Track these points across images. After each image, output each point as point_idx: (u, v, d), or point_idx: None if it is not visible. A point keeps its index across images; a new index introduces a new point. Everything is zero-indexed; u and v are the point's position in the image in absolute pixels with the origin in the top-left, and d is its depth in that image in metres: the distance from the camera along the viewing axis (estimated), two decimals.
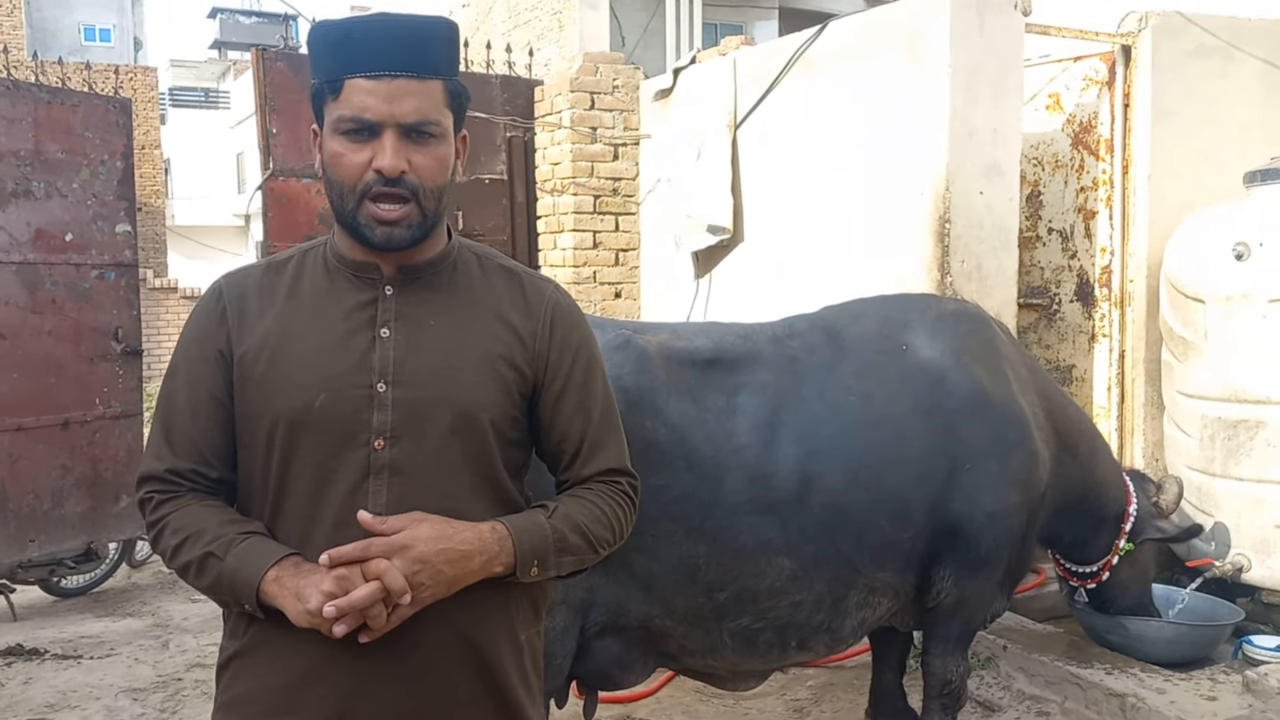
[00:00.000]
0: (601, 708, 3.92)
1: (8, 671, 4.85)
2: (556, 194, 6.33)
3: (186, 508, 1.59)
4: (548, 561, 1.60)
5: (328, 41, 1.55)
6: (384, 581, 1.45)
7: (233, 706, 1.61)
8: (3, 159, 5.67)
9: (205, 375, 1.62)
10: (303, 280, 1.64)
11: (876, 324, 3.32)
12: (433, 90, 1.55)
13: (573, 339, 1.70)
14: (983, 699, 3.87)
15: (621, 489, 1.73)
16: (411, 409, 1.57)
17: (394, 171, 1.52)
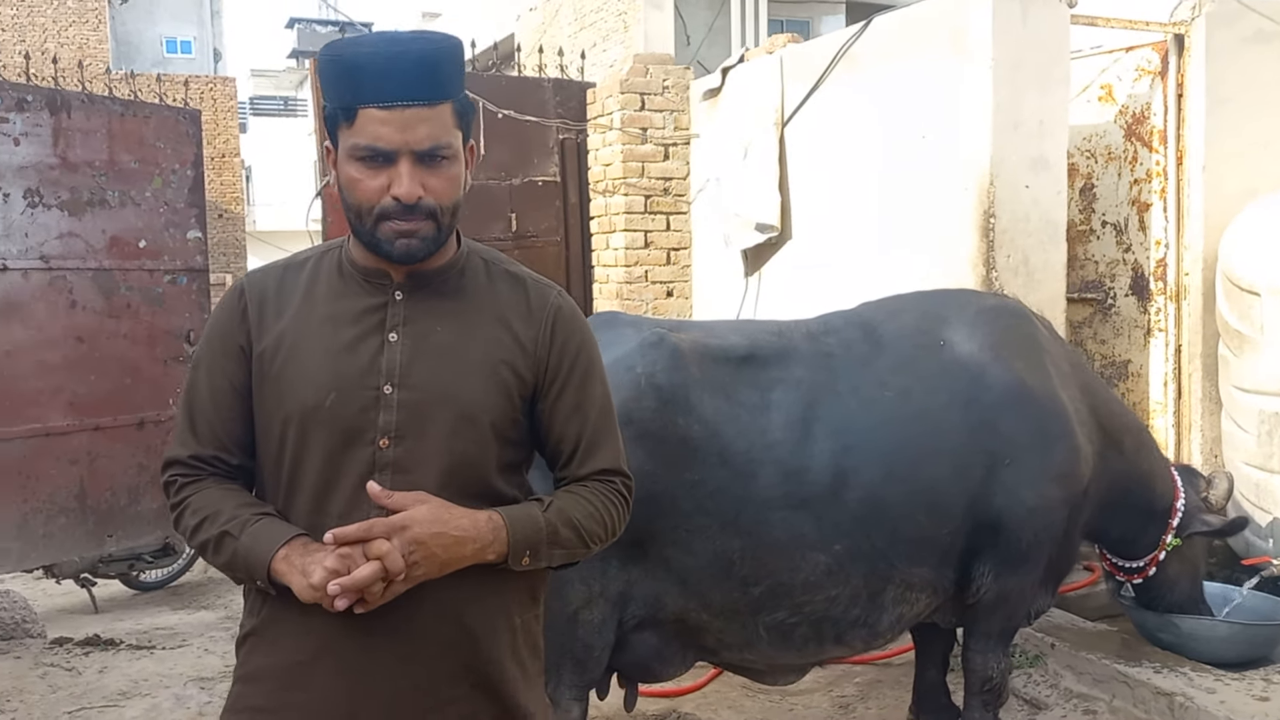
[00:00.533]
0: (648, 702, 3.99)
1: (85, 660, 5.07)
2: (608, 194, 6.41)
3: (206, 490, 1.69)
4: (540, 552, 1.67)
5: (336, 70, 1.60)
6: (384, 563, 1.53)
7: (249, 680, 1.71)
8: (79, 170, 5.93)
9: (227, 368, 1.71)
10: (319, 282, 1.72)
11: (914, 319, 3.32)
12: (443, 114, 1.61)
13: (573, 344, 1.77)
14: (1029, 697, 3.84)
15: (616, 488, 1.79)
16: (415, 410, 1.65)
17: (411, 199, 1.59)
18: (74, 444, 5.95)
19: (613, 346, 3.05)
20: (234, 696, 1.74)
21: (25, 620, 5.52)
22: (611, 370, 2.93)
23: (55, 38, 18.04)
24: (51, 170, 5.81)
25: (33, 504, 5.81)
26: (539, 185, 6.66)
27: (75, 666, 4.97)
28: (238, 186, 16.57)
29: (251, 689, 1.70)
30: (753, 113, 5.69)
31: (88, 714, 4.32)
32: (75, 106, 5.87)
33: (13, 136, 5.65)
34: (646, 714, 3.96)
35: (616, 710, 3.79)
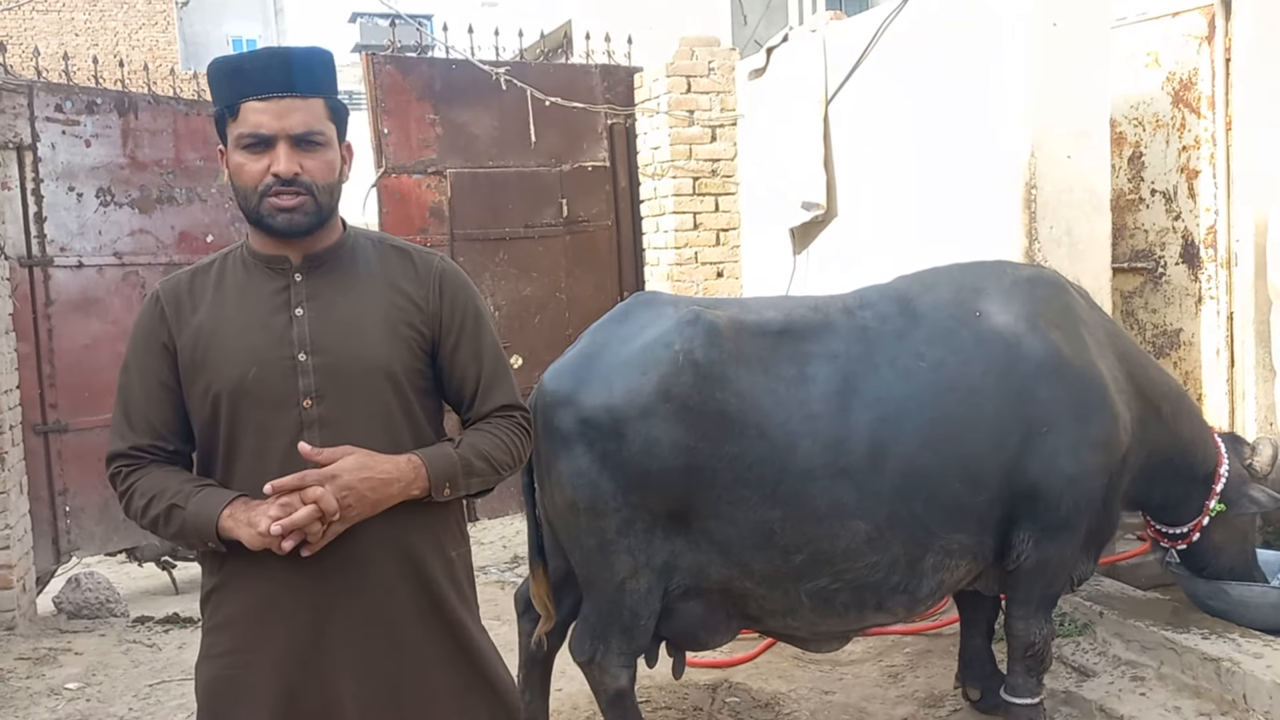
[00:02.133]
0: (700, 672, 4.09)
1: (165, 637, 5.32)
2: (657, 178, 6.48)
3: (149, 474, 1.90)
4: (457, 483, 1.91)
5: (224, 73, 1.85)
6: (319, 504, 1.75)
7: (219, 630, 1.93)
8: (147, 168, 6.18)
9: (153, 366, 1.92)
10: (225, 278, 1.95)
11: (949, 291, 3.36)
12: (315, 107, 1.85)
13: (460, 299, 2.00)
14: (1077, 664, 3.86)
15: (516, 421, 2.03)
16: (330, 372, 1.87)
17: (288, 174, 1.81)
18: None
19: (651, 325, 3.15)
20: (206, 646, 1.95)
21: (110, 600, 5.80)
22: (650, 348, 3.07)
23: (126, 40, 18.59)
24: (122, 170, 6.07)
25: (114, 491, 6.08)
26: (589, 170, 6.75)
27: (156, 643, 5.22)
28: None
29: (222, 636, 1.91)
30: (797, 91, 5.72)
31: (167, 686, 4.55)
32: (142, 107, 6.12)
33: (84, 138, 5.91)
34: (699, 683, 4.06)
35: (666, 678, 3.90)
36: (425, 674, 1.94)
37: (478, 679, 2.01)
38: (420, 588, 1.93)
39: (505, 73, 6.33)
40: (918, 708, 3.86)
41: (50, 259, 5.77)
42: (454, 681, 1.97)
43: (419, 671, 1.93)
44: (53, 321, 5.78)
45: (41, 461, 5.74)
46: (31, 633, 5.16)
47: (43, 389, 5.75)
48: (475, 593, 2.10)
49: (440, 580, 1.96)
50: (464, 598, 2.02)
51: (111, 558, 6.97)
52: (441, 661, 1.96)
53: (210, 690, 1.92)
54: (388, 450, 1.86)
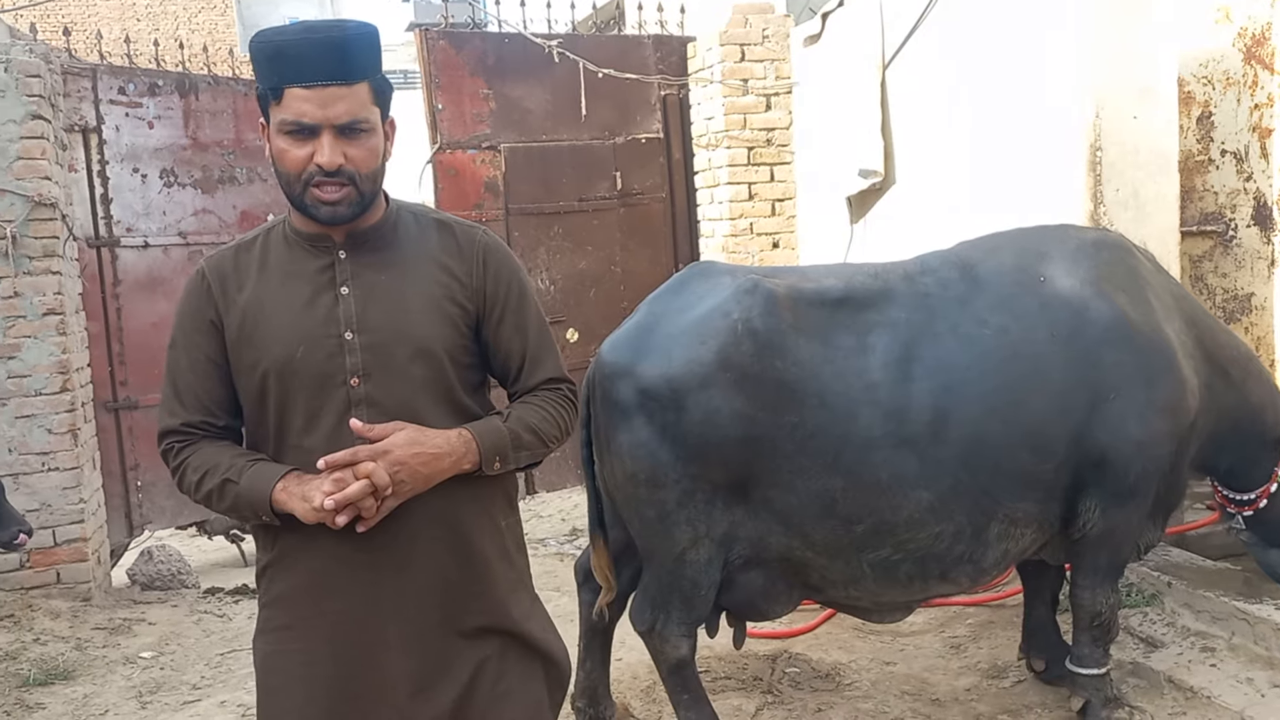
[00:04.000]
0: (759, 642, 4.09)
1: (234, 608, 5.46)
2: (711, 148, 6.44)
3: (201, 450, 1.91)
4: (507, 456, 1.91)
5: (264, 54, 1.81)
6: (372, 479, 1.75)
7: (273, 604, 1.95)
8: (209, 149, 6.28)
9: (200, 342, 1.91)
10: (269, 255, 1.94)
11: (1013, 256, 3.30)
12: (359, 92, 1.81)
13: (504, 273, 1.98)
14: (1145, 635, 3.80)
15: (562, 394, 2.03)
16: (376, 350, 1.86)
17: (332, 166, 1.79)
18: None
19: (709, 294, 3.14)
20: (262, 620, 1.97)
21: (181, 572, 5.97)
22: (708, 317, 3.06)
23: (186, 24, 18.88)
24: (184, 150, 6.18)
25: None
26: (642, 143, 6.73)
27: (226, 613, 5.36)
28: None
29: (277, 611, 1.93)
30: (854, 57, 5.64)
31: (238, 655, 4.67)
32: (203, 89, 6.22)
33: (147, 120, 6.02)
34: (758, 654, 4.06)
35: (725, 649, 3.92)
36: (476, 649, 1.95)
37: (527, 650, 2.01)
38: (468, 560, 1.94)
39: (558, 45, 6.32)
40: (980, 679, 3.84)
41: (117, 239, 5.90)
42: (504, 655, 1.98)
43: (471, 646, 1.94)
44: (121, 301, 5.92)
45: (113, 438, 5.90)
46: (107, 604, 5.32)
47: (112, 367, 5.90)
48: (527, 560, 2.11)
49: (488, 550, 1.97)
50: (513, 566, 2.03)
51: (182, 531, 7.15)
52: (489, 638, 1.96)
53: (266, 665, 1.95)
54: (435, 424, 1.87)
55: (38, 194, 5.05)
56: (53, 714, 4.05)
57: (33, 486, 5.09)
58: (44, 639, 4.77)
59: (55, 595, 5.13)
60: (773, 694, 3.79)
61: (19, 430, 5.08)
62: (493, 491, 1.99)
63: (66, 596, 5.15)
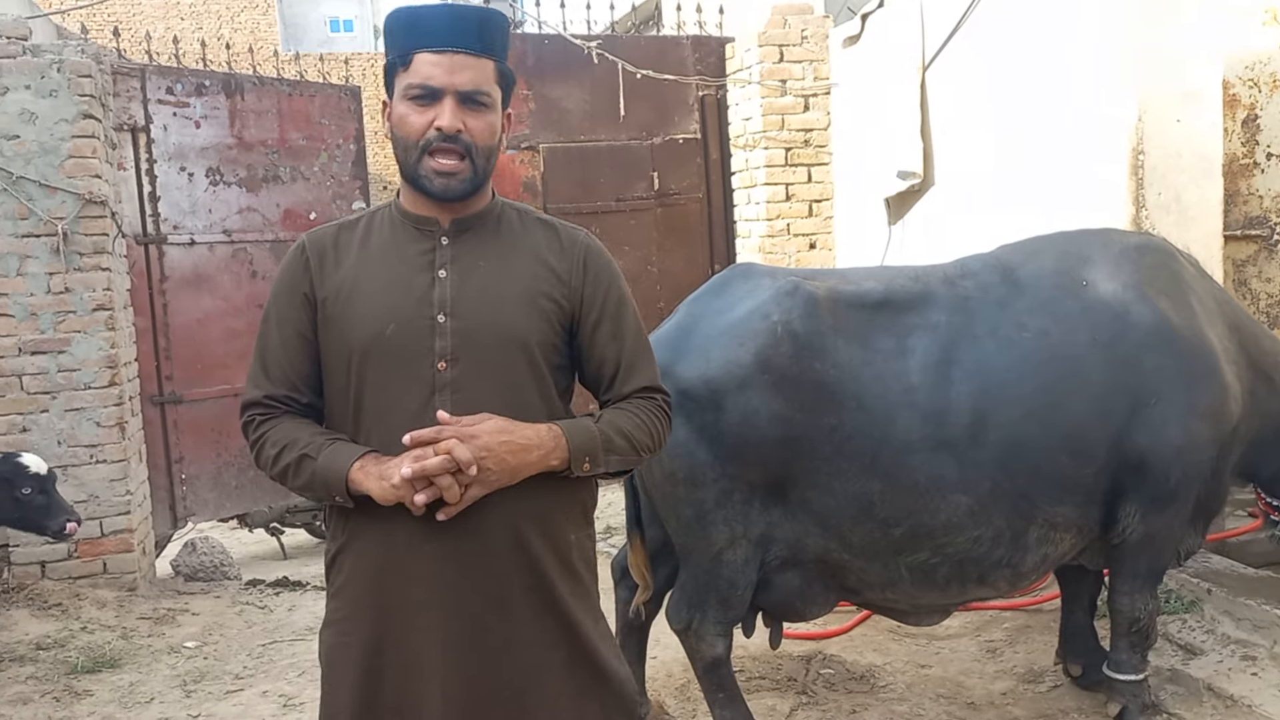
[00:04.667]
0: (794, 643, 4.10)
1: (276, 600, 5.55)
2: (749, 149, 6.45)
3: (282, 425, 1.89)
4: (597, 458, 1.86)
5: (401, 23, 1.83)
6: (453, 454, 1.71)
7: (338, 595, 1.92)
8: (254, 148, 6.38)
9: (293, 316, 1.90)
10: (372, 235, 1.93)
11: (1054, 260, 3.29)
12: (486, 67, 1.83)
13: (604, 277, 1.96)
14: (1184, 642, 3.78)
15: (657, 403, 1.98)
16: (467, 336, 1.84)
17: (452, 129, 1.79)
18: None
19: (749, 296, 3.15)
20: (330, 611, 1.95)
21: (223, 564, 6.07)
22: (748, 319, 3.07)
23: (229, 23, 19.13)
24: (230, 150, 6.28)
25: (225, 458, 6.35)
26: (680, 143, 6.76)
27: (267, 605, 5.45)
28: None
29: (341, 601, 1.91)
30: (893, 58, 5.63)
31: (279, 646, 4.75)
32: (248, 89, 6.32)
33: (194, 120, 6.12)
34: (793, 655, 4.07)
35: (760, 649, 3.93)
36: (537, 664, 1.89)
37: (590, 673, 1.95)
38: (528, 565, 1.88)
39: (597, 47, 6.36)
40: (1017, 683, 3.83)
41: (164, 237, 6.01)
42: (564, 675, 1.92)
43: (530, 660, 1.89)
44: (167, 297, 6.03)
45: (158, 431, 6.01)
46: (151, 594, 5.42)
47: (159, 361, 6.01)
48: (595, 577, 2.03)
49: (549, 561, 1.90)
50: (578, 582, 1.96)
51: (223, 524, 7.28)
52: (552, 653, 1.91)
53: (328, 658, 1.93)
54: (517, 419, 1.82)
55: (88, 192, 5.15)
56: (100, 701, 4.14)
57: (81, 478, 5.19)
58: (91, 628, 4.87)
59: (102, 585, 5.24)
60: (807, 694, 3.81)
61: (68, 423, 5.18)
62: (570, 501, 1.94)
63: (113, 586, 5.25)
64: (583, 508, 2.00)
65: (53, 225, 5.09)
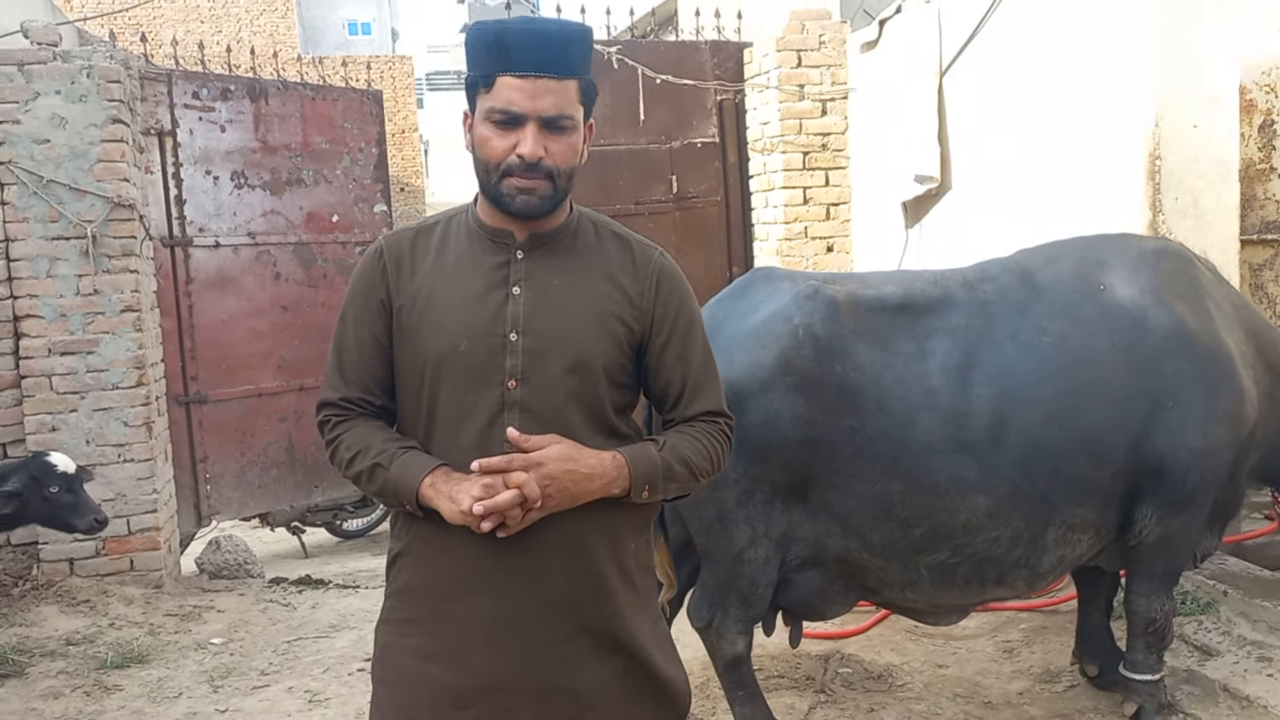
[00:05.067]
0: (812, 643, 4.15)
1: (299, 598, 5.62)
2: (767, 153, 6.50)
3: (357, 428, 1.92)
4: (656, 486, 1.89)
5: (484, 42, 1.81)
6: (523, 490, 1.75)
7: (401, 594, 1.95)
8: (278, 152, 6.46)
9: (369, 320, 1.92)
10: (448, 243, 1.94)
11: (1072, 265, 3.33)
12: (568, 89, 1.82)
13: (675, 298, 1.96)
14: (1200, 643, 3.81)
15: (720, 428, 1.99)
16: (537, 355, 1.85)
17: (534, 158, 1.80)
18: (282, 403, 6.54)
19: (770, 300, 3.20)
20: (388, 609, 1.98)
21: (247, 562, 6.15)
22: (769, 322, 3.12)
23: (248, 26, 19.27)
24: (254, 153, 6.36)
25: (249, 457, 6.44)
26: (698, 147, 6.81)
27: (291, 603, 5.52)
28: (417, 160, 17.32)
29: (405, 601, 1.95)
30: (911, 63, 5.68)
31: (303, 643, 4.82)
32: (272, 93, 6.40)
33: (219, 124, 6.21)
34: (811, 654, 4.12)
35: (779, 648, 3.98)
36: (593, 675, 1.92)
37: (648, 675, 1.98)
38: (594, 578, 1.91)
39: (617, 52, 6.42)
40: (1033, 683, 3.86)
41: (190, 239, 6.10)
42: (619, 686, 1.95)
43: (588, 665, 1.92)
44: (193, 298, 6.12)
45: (184, 431, 6.09)
46: (177, 591, 5.50)
47: (184, 362, 6.09)
48: (652, 583, 2.08)
49: (614, 572, 1.94)
50: (636, 590, 1.99)
51: (245, 522, 7.35)
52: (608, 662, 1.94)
53: (383, 657, 1.97)
54: (583, 438, 1.86)
55: (117, 195, 5.23)
56: (129, 696, 4.22)
57: (109, 477, 5.27)
58: (119, 624, 4.95)
59: (129, 582, 5.32)
60: (825, 693, 3.85)
61: (96, 422, 5.27)
62: (629, 514, 1.95)
63: (139, 583, 5.33)
64: (644, 519, 2.03)
65: (82, 228, 5.18)
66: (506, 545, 1.83)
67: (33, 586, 5.13)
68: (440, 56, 35.48)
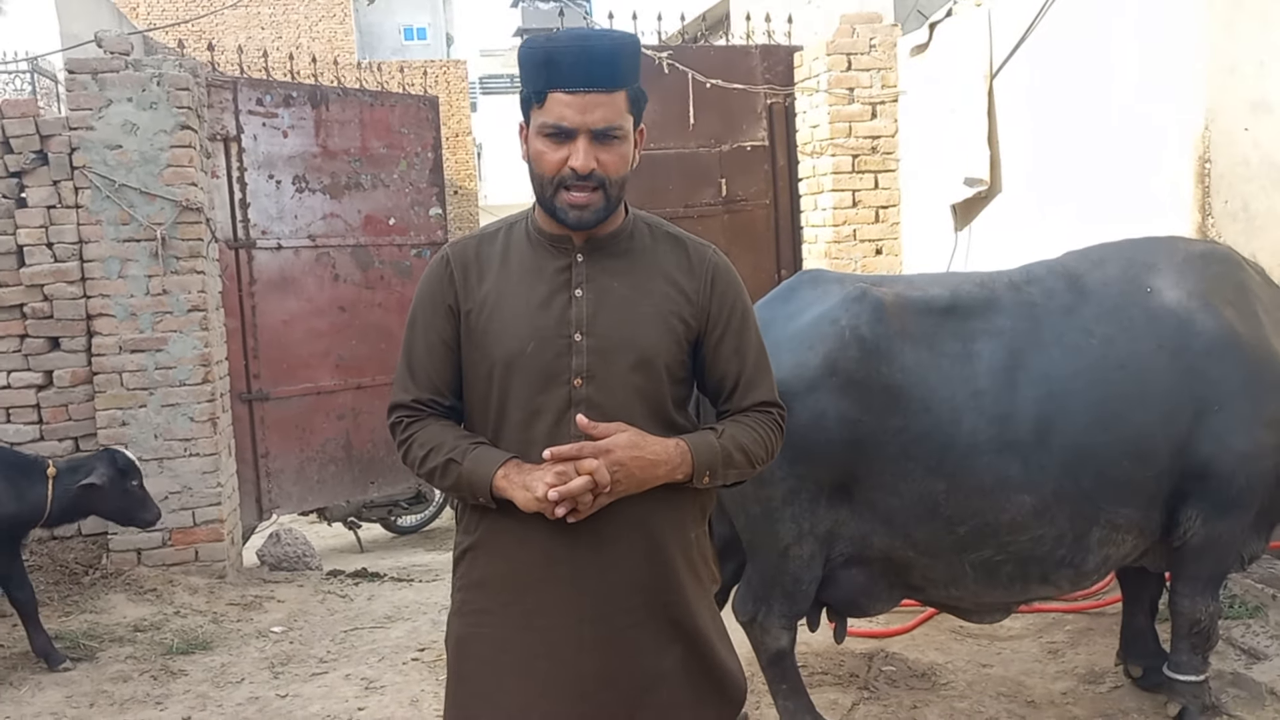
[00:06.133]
0: (857, 641, 4.19)
1: (356, 590, 5.78)
2: (816, 156, 6.54)
3: (428, 428, 2.02)
4: (717, 472, 1.97)
5: (534, 60, 1.90)
6: (594, 476, 1.85)
7: (471, 589, 2.04)
8: (337, 157, 6.64)
9: (438, 324, 2.02)
10: (511, 250, 2.03)
11: (1119, 268, 3.34)
12: (618, 100, 1.90)
13: (730, 295, 2.05)
14: (1247, 647, 3.80)
15: (773, 418, 2.08)
16: (602, 355, 1.95)
17: (585, 170, 1.89)
18: (340, 401, 6.72)
19: (818, 302, 3.26)
20: (459, 603, 2.07)
21: (306, 555, 6.32)
22: (817, 324, 3.19)
23: (307, 32, 19.64)
24: (314, 158, 6.55)
25: (308, 454, 6.62)
26: (748, 150, 6.87)
27: (348, 594, 5.68)
28: (470, 164, 17.49)
29: (477, 594, 2.03)
30: (961, 66, 5.70)
31: (360, 633, 4.96)
32: (332, 99, 6.58)
33: (282, 130, 6.40)
34: (855, 652, 4.17)
35: (823, 645, 4.04)
36: (658, 655, 2.01)
37: (708, 665, 2.06)
38: (660, 566, 1.99)
39: (668, 57, 6.51)
40: (1077, 683, 3.88)
41: (253, 241, 6.29)
42: (682, 676, 2.03)
43: (654, 654, 2.00)
44: (256, 299, 6.31)
45: (246, 427, 6.29)
46: (239, 581, 5.68)
47: (247, 361, 6.29)
48: (711, 573, 2.14)
49: (676, 558, 2.02)
50: (697, 576, 2.07)
51: (303, 517, 7.54)
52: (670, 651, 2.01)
53: (460, 648, 2.05)
54: (646, 431, 1.94)
55: (185, 199, 5.42)
56: (194, 680, 4.38)
57: (175, 470, 5.47)
58: (184, 612, 5.13)
59: (193, 572, 5.50)
60: (869, 690, 3.89)
61: (164, 418, 5.46)
62: (690, 502, 2.04)
63: (203, 574, 5.52)
64: (701, 508, 2.11)
65: (152, 230, 5.38)
66: (578, 534, 1.92)
67: (102, 575, 5.33)
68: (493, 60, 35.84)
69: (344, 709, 4.01)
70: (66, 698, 4.18)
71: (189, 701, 4.16)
